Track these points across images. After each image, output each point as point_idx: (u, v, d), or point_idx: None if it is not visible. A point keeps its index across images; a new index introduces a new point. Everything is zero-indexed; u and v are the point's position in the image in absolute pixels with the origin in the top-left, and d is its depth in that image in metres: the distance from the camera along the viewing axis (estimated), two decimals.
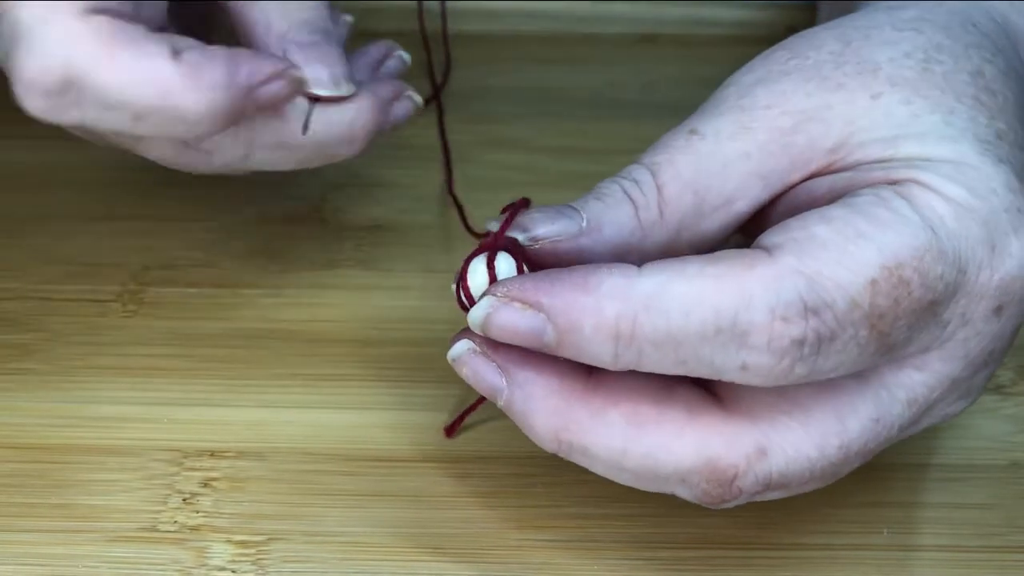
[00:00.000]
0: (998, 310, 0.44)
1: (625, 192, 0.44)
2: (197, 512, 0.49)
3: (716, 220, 0.45)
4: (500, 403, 0.44)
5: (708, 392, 0.44)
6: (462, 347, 0.44)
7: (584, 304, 0.41)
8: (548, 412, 0.43)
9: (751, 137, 0.45)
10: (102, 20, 0.47)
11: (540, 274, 0.43)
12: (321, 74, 0.51)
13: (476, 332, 0.44)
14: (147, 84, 0.47)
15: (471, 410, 0.51)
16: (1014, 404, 0.53)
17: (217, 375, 0.53)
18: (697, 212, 0.45)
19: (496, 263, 0.43)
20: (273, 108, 0.51)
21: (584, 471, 0.46)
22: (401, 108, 0.55)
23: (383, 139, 0.54)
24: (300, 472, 0.50)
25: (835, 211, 0.42)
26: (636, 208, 0.44)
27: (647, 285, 0.41)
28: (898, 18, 0.47)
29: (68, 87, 0.47)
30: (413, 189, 0.62)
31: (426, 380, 0.53)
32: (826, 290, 0.41)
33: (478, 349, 0.44)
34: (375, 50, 0.57)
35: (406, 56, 0.58)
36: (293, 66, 0.51)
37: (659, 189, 0.44)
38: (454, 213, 0.60)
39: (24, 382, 0.53)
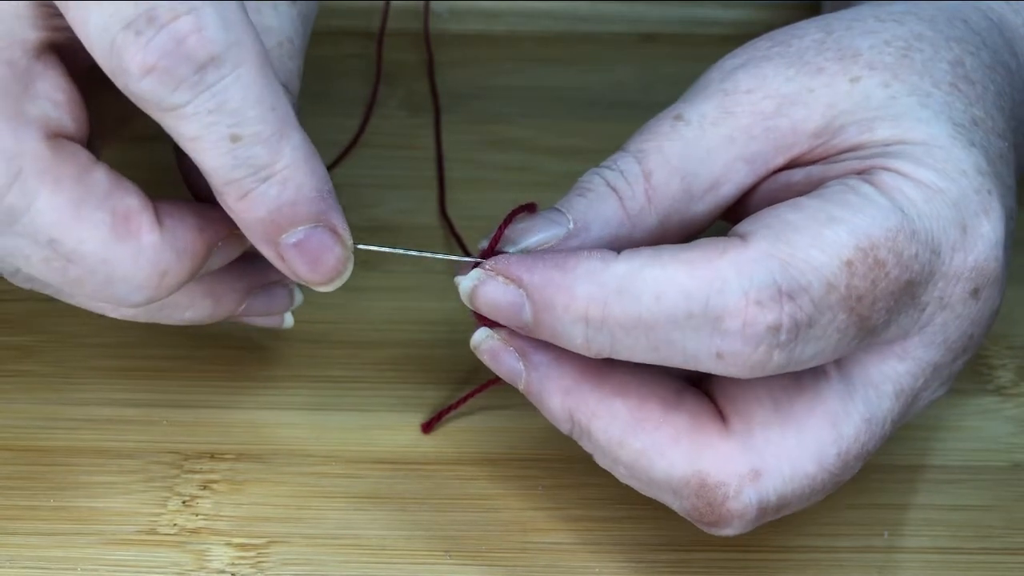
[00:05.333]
0: (975, 292, 0.44)
1: (608, 184, 0.45)
2: (197, 515, 0.49)
3: (704, 204, 0.45)
4: (520, 386, 0.45)
5: (715, 409, 0.44)
6: (482, 334, 0.45)
7: (559, 283, 0.42)
8: (562, 392, 0.44)
9: (734, 121, 0.45)
10: None
11: (529, 254, 0.43)
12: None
13: (465, 304, 0.44)
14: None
15: (452, 408, 0.51)
16: (1014, 405, 0.53)
17: (217, 377, 0.53)
18: (686, 197, 0.45)
19: None
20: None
21: (585, 474, 0.46)
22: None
23: (383, 141, 0.54)
24: (300, 474, 0.50)
25: (806, 200, 0.43)
26: (621, 199, 0.44)
27: (620, 269, 0.42)
28: (883, 11, 0.47)
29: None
30: (413, 189, 0.62)
31: (426, 382, 0.53)
32: (801, 272, 0.41)
33: (497, 336, 0.45)
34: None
35: (298, 296, 0.51)
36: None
37: (646, 176, 0.45)
38: (453, 214, 0.60)
39: (24, 384, 0.53)
